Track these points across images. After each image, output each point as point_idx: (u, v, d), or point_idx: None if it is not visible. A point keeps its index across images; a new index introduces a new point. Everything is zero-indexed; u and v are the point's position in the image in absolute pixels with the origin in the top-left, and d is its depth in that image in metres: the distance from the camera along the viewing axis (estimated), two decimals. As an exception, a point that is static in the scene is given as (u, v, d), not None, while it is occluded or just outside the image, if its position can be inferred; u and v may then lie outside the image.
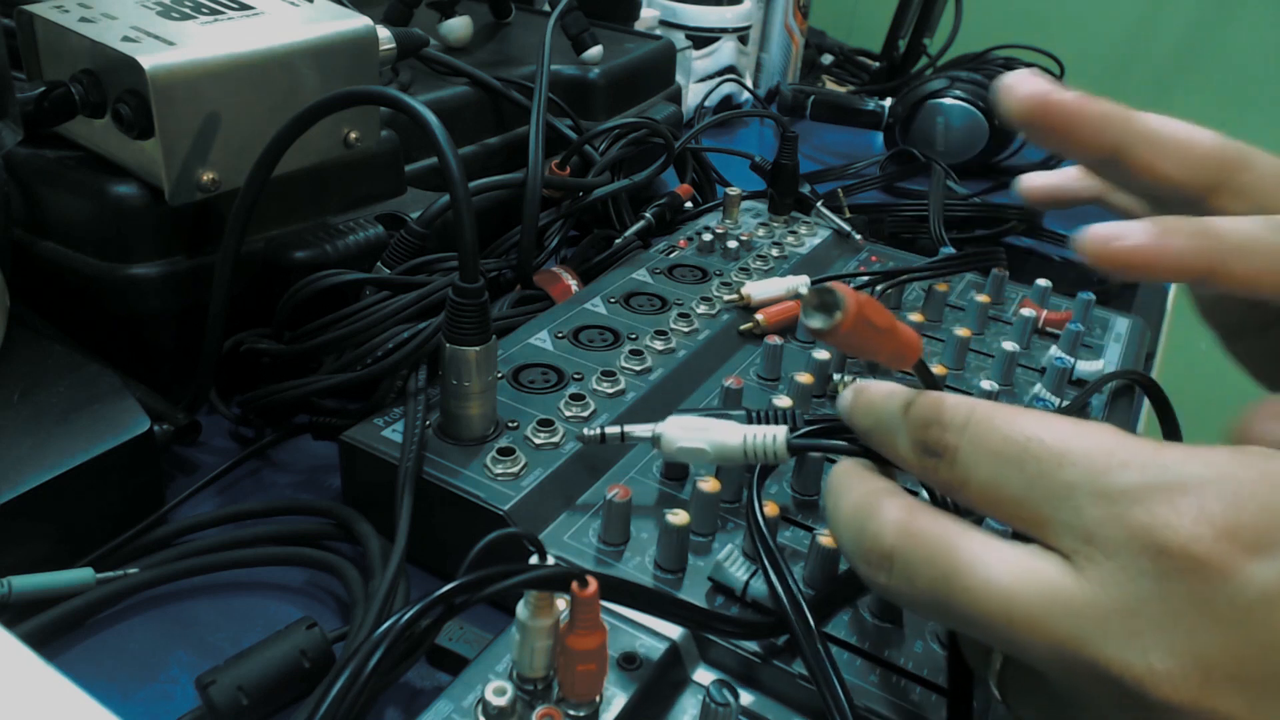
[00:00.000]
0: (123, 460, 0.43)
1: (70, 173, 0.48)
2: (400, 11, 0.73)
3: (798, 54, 1.26)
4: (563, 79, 0.75)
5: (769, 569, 0.35)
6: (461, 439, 0.44)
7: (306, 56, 0.49)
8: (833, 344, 0.28)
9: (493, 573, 0.29)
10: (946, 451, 0.27)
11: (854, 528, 0.29)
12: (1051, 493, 0.25)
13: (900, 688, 0.35)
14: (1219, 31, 1.66)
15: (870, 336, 0.28)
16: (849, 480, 0.30)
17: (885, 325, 0.29)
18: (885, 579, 0.28)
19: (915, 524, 0.27)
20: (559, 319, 0.56)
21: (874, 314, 0.28)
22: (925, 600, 0.27)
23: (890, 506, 0.28)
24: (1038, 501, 0.25)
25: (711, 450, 0.33)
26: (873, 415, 0.31)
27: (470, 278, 0.41)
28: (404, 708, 0.38)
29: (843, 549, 0.30)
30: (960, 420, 0.27)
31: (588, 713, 0.32)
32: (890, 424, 0.30)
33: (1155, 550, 0.23)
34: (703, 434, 0.34)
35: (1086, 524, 0.24)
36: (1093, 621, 0.23)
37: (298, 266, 0.50)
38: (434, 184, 0.63)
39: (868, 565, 0.28)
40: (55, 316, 0.50)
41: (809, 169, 0.93)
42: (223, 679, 0.35)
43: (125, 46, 0.44)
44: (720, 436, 0.33)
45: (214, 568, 0.43)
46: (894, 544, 0.27)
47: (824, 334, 0.27)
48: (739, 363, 0.56)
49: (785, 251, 0.68)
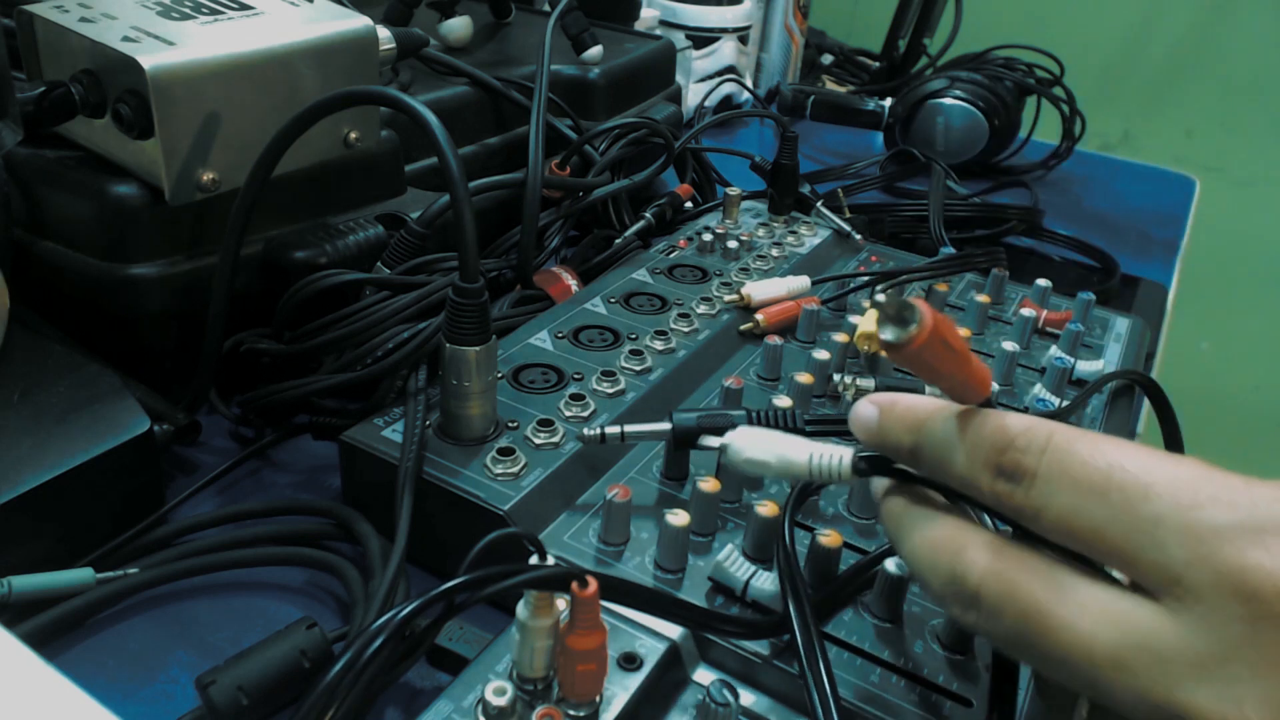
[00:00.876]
0: (123, 460, 0.43)
1: (70, 173, 0.48)
2: (400, 11, 0.73)
3: (798, 54, 1.26)
4: (563, 79, 0.75)
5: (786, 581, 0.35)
6: (461, 439, 0.44)
7: (306, 56, 0.49)
8: (901, 361, 0.27)
9: (493, 572, 0.29)
10: (1025, 476, 0.26)
11: (939, 567, 0.28)
12: (1135, 527, 0.24)
13: (900, 688, 0.35)
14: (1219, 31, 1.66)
15: (943, 358, 0.27)
16: (922, 514, 0.29)
17: (960, 349, 0.28)
18: (974, 618, 0.27)
19: (1002, 565, 0.26)
20: (559, 319, 0.56)
21: (950, 335, 0.27)
22: (1011, 640, 0.26)
23: (977, 546, 0.27)
24: (1121, 535, 0.24)
25: (776, 464, 0.33)
26: (918, 433, 0.29)
27: (470, 278, 0.41)
28: (404, 708, 0.38)
29: (923, 583, 0.29)
30: (1040, 444, 0.26)
31: (588, 713, 0.32)
32: (945, 442, 0.28)
33: (1247, 594, 0.22)
34: (771, 447, 0.33)
35: (1173, 563, 0.23)
36: (1182, 668, 0.23)
37: (298, 266, 0.50)
38: (434, 184, 0.63)
39: (955, 604, 0.28)
40: (55, 316, 0.50)
41: (809, 169, 0.93)
42: (223, 679, 0.35)
43: (125, 46, 0.44)
44: (787, 452, 0.33)
45: (214, 568, 0.43)
46: (980, 584, 0.26)
47: (895, 348, 0.26)
48: (739, 363, 0.56)
49: (785, 251, 0.68)
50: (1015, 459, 0.26)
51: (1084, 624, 0.24)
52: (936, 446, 0.29)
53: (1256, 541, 0.22)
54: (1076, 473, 0.25)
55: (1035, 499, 0.26)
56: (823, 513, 0.44)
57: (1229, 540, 0.22)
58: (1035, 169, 1.06)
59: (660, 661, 0.35)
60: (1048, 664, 0.25)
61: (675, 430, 0.43)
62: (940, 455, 0.29)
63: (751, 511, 0.40)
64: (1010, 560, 0.27)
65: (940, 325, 0.26)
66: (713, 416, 0.43)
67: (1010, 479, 0.26)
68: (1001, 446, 0.27)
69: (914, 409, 0.30)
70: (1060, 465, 0.25)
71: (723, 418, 0.43)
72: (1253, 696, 0.22)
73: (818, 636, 0.33)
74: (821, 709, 0.31)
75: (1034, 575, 0.26)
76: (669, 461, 0.45)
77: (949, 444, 0.28)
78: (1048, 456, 0.26)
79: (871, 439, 0.31)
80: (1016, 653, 0.27)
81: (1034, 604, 0.25)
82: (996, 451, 0.27)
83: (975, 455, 0.27)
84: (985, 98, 0.99)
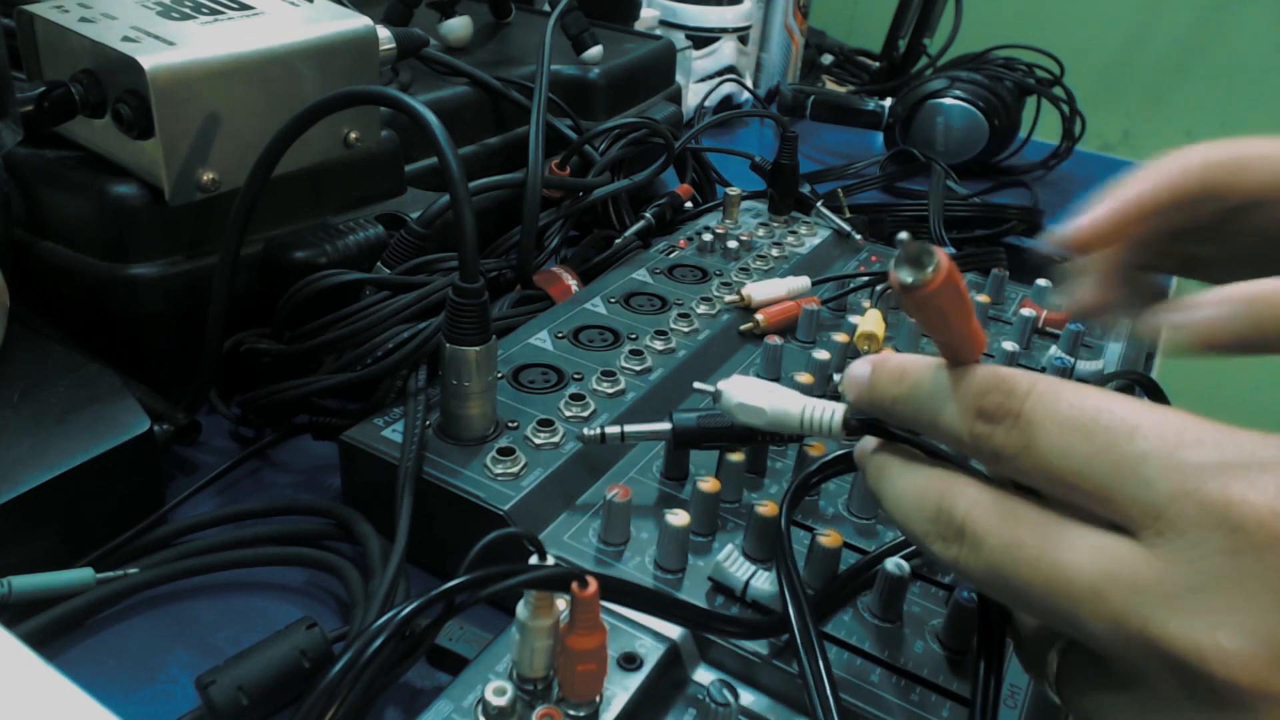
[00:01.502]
0: (123, 460, 0.43)
1: (70, 173, 0.48)
2: (400, 11, 0.73)
3: (798, 54, 1.26)
4: (563, 79, 0.75)
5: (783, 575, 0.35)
6: (461, 439, 0.44)
7: (306, 56, 0.50)
8: (912, 306, 0.27)
9: (493, 573, 0.29)
10: (1008, 416, 0.26)
11: (925, 504, 0.28)
12: (1120, 464, 0.24)
13: (900, 688, 0.35)
14: (1219, 31, 1.66)
15: (954, 307, 0.27)
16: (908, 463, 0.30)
17: (969, 302, 0.28)
18: (955, 551, 0.27)
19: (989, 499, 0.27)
20: (559, 319, 0.56)
21: (962, 284, 0.27)
22: (992, 573, 0.26)
23: (964, 484, 0.28)
24: (1105, 472, 0.24)
25: (770, 411, 0.33)
26: (908, 382, 0.30)
27: (470, 278, 0.41)
28: (404, 708, 0.38)
29: (904, 524, 0.29)
30: (1024, 387, 0.26)
31: (588, 713, 0.32)
32: (931, 390, 0.29)
33: (1230, 526, 0.22)
34: (765, 396, 0.33)
35: (1157, 498, 0.23)
36: (1159, 598, 0.23)
37: (298, 266, 0.50)
38: (434, 184, 0.63)
39: (938, 539, 0.28)
40: (55, 316, 0.50)
41: (809, 169, 0.93)
42: (223, 679, 0.35)
43: (125, 46, 0.44)
44: (781, 401, 0.33)
45: (214, 568, 0.43)
46: (966, 515, 0.27)
47: (910, 289, 0.26)
48: (739, 363, 0.56)
49: (785, 251, 0.68)
50: (998, 401, 0.27)
51: (1066, 555, 0.25)
52: (923, 394, 0.29)
53: (1240, 477, 0.23)
54: (1063, 413, 0.25)
55: (1017, 438, 0.26)
56: (823, 513, 0.44)
57: (1213, 476, 0.23)
58: (1035, 169, 1.06)
59: (660, 661, 0.35)
60: (1027, 596, 0.26)
61: (675, 430, 0.43)
62: (925, 403, 0.29)
63: (751, 511, 0.40)
64: (997, 496, 0.27)
65: (955, 272, 0.26)
66: (713, 416, 0.43)
67: (992, 420, 0.27)
68: (986, 389, 0.27)
69: (905, 363, 0.30)
70: (1046, 406, 0.26)
71: (722, 418, 0.43)
72: (1228, 625, 0.22)
73: (817, 636, 0.33)
74: (821, 709, 0.31)
75: (1020, 510, 0.26)
76: (669, 461, 0.45)
77: (934, 392, 0.29)
78: (1032, 399, 0.26)
79: (862, 395, 0.31)
80: (996, 587, 0.27)
81: (1017, 535, 0.26)
82: (980, 394, 0.27)
83: (960, 401, 0.28)
84: (985, 98, 0.99)
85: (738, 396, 0.34)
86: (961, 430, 0.28)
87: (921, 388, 0.29)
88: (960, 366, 0.28)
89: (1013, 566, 0.26)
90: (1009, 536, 0.26)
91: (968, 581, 0.28)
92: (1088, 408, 0.25)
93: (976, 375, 0.28)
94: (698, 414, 0.43)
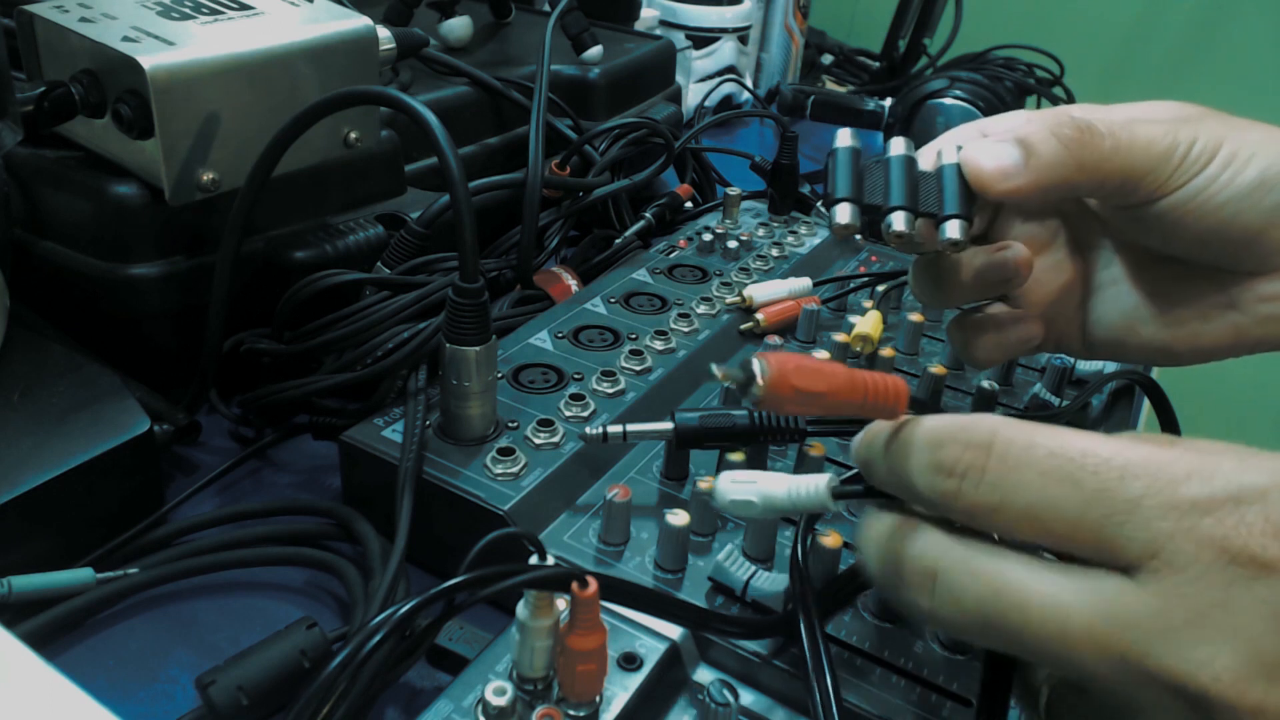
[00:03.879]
0: (123, 460, 0.43)
1: (70, 173, 0.48)
2: (400, 11, 0.73)
3: (798, 54, 1.26)
4: (563, 79, 0.75)
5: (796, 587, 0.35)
6: (461, 439, 0.44)
7: (306, 56, 0.49)
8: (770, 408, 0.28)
9: (493, 572, 0.29)
10: (971, 472, 0.26)
11: (891, 551, 0.28)
12: (1115, 509, 0.24)
13: (900, 688, 0.35)
14: (1219, 31, 1.66)
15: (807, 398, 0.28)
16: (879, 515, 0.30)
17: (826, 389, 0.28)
18: (928, 601, 0.27)
19: (960, 544, 0.27)
20: (559, 319, 0.56)
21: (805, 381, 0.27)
22: (973, 620, 0.26)
23: (929, 528, 0.27)
24: (1098, 519, 0.24)
25: (760, 501, 0.34)
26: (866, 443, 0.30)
27: (470, 278, 0.41)
28: (404, 708, 0.38)
29: (877, 578, 0.29)
30: (983, 437, 0.26)
31: (588, 713, 0.32)
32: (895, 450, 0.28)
33: (1226, 560, 0.23)
34: (750, 487, 0.34)
35: (1155, 537, 0.24)
36: (1157, 633, 0.23)
37: (298, 266, 0.50)
38: (434, 184, 0.63)
39: (910, 589, 0.28)
40: (55, 316, 0.50)
41: (809, 169, 0.93)
42: (223, 679, 0.35)
43: (125, 46, 0.44)
44: (767, 488, 0.33)
45: (214, 568, 0.43)
46: (937, 560, 0.27)
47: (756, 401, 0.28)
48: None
49: (785, 251, 0.68)
50: (956, 454, 0.26)
51: (1057, 595, 0.25)
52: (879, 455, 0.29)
53: (1233, 511, 0.23)
54: (1044, 463, 0.25)
55: (988, 494, 0.26)
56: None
57: (1209, 512, 0.23)
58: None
59: (660, 661, 0.35)
60: (1016, 640, 0.26)
61: (678, 429, 0.43)
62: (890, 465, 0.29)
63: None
64: (968, 539, 0.27)
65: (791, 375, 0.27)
66: (715, 416, 0.43)
67: (953, 475, 0.26)
68: (939, 442, 0.27)
69: (871, 426, 0.30)
70: (1019, 457, 0.26)
71: (724, 417, 0.43)
72: (1225, 652, 0.23)
73: (824, 641, 0.33)
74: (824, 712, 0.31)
75: (997, 554, 0.26)
76: (669, 461, 0.45)
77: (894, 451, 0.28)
78: (998, 449, 0.26)
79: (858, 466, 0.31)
80: (977, 633, 0.27)
81: (1002, 580, 0.26)
82: (934, 448, 0.27)
83: (917, 459, 0.27)
84: (985, 98, 0.99)
85: (728, 495, 0.34)
86: (925, 490, 0.27)
87: (875, 448, 0.29)
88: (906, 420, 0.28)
89: (1001, 612, 0.26)
90: (994, 581, 0.26)
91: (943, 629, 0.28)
92: (1072, 454, 0.25)
93: (923, 428, 0.28)
94: (700, 414, 0.43)
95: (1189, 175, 0.34)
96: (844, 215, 0.34)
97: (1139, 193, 0.35)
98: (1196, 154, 0.34)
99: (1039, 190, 0.34)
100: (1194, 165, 0.34)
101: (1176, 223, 0.35)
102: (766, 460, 0.46)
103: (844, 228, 0.34)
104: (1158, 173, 0.34)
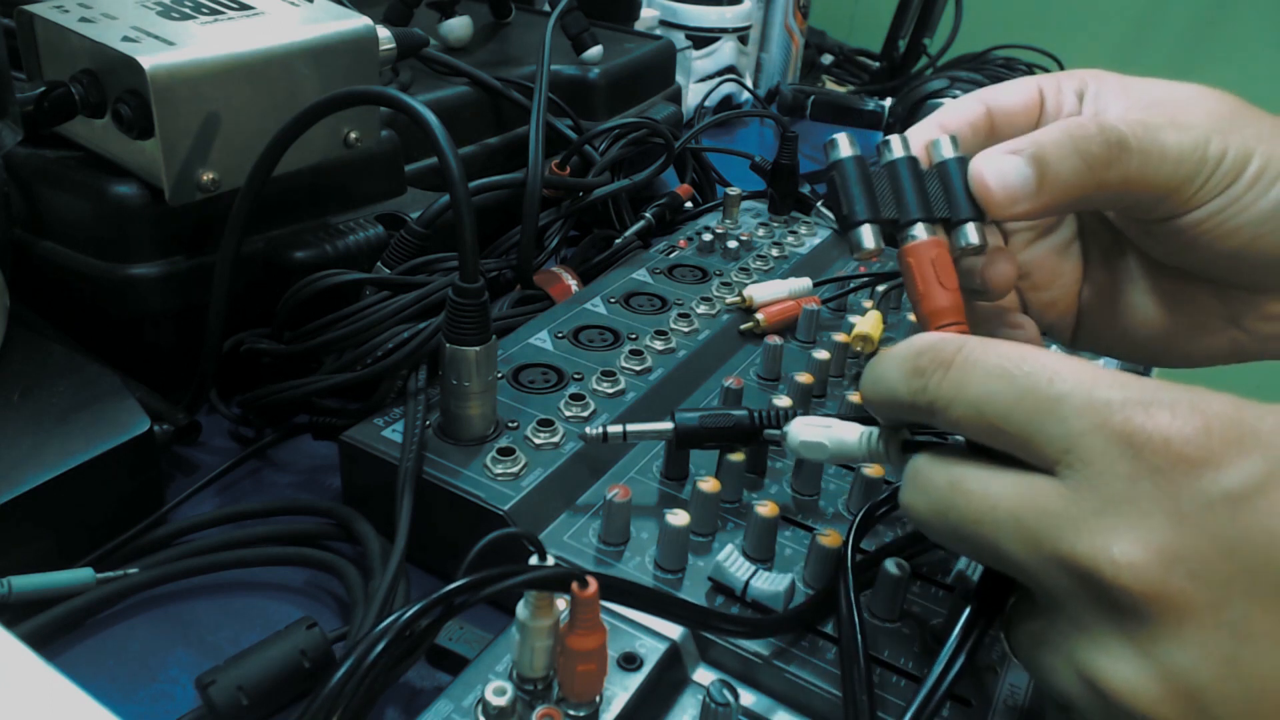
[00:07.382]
0: (123, 460, 0.43)
1: (70, 173, 0.48)
2: (400, 11, 0.73)
3: (798, 54, 1.26)
4: (563, 79, 0.75)
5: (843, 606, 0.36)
6: (461, 439, 0.44)
7: (306, 56, 0.49)
8: None
9: (493, 573, 0.29)
10: (939, 369, 0.29)
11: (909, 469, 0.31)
12: (1040, 405, 0.27)
13: (900, 688, 0.35)
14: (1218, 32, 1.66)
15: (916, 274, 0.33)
16: None
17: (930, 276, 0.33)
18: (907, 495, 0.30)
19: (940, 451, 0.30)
20: (559, 319, 0.56)
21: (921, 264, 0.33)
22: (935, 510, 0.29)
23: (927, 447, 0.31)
24: (1026, 413, 0.27)
25: (831, 445, 0.35)
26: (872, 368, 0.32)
27: (470, 278, 0.41)
28: (404, 708, 0.38)
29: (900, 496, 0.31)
30: (955, 345, 0.29)
31: (588, 713, 0.32)
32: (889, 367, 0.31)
33: (1132, 452, 0.25)
34: (824, 431, 0.35)
35: (1070, 433, 0.26)
36: (1067, 521, 0.26)
37: (298, 266, 0.50)
38: (434, 184, 0.63)
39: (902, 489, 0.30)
40: (55, 316, 0.50)
41: (809, 169, 0.93)
42: (223, 679, 0.35)
43: (125, 46, 0.44)
44: (840, 434, 0.35)
45: (214, 568, 0.43)
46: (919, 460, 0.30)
47: None
48: (739, 363, 0.56)
49: (785, 251, 0.68)
50: (932, 357, 0.29)
51: (993, 488, 0.27)
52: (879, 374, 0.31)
53: (1143, 410, 0.25)
54: (990, 363, 0.28)
55: (948, 389, 0.28)
56: (823, 512, 0.44)
57: (1119, 410, 0.25)
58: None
59: (660, 661, 0.35)
60: (962, 529, 0.28)
61: (678, 429, 0.43)
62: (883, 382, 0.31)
63: (751, 511, 0.40)
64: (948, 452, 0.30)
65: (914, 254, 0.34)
66: (715, 416, 0.43)
67: (925, 376, 0.29)
68: (921, 350, 0.29)
69: None
70: (974, 358, 0.28)
71: (724, 417, 0.43)
72: (1124, 539, 0.25)
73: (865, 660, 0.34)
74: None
75: (962, 457, 0.29)
76: (669, 461, 0.45)
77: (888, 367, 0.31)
78: (964, 352, 0.29)
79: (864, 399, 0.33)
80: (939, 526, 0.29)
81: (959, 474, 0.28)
82: (916, 355, 0.29)
83: (902, 366, 0.30)
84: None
85: (800, 436, 0.36)
86: (902, 390, 0.30)
87: (876, 368, 0.32)
88: None
89: (952, 500, 0.28)
90: (952, 475, 0.29)
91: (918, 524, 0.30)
92: (1013, 356, 0.28)
93: (915, 341, 0.30)
94: (700, 413, 0.43)
95: (1212, 194, 0.33)
96: (869, 240, 0.34)
97: (1158, 210, 0.34)
98: (1224, 171, 0.33)
99: (1049, 211, 0.33)
100: (1220, 184, 0.33)
101: (1190, 240, 0.34)
102: (766, 461, 0.46)
103: (870, 253, 0.34)
104: (1182, 191, 0.33)
